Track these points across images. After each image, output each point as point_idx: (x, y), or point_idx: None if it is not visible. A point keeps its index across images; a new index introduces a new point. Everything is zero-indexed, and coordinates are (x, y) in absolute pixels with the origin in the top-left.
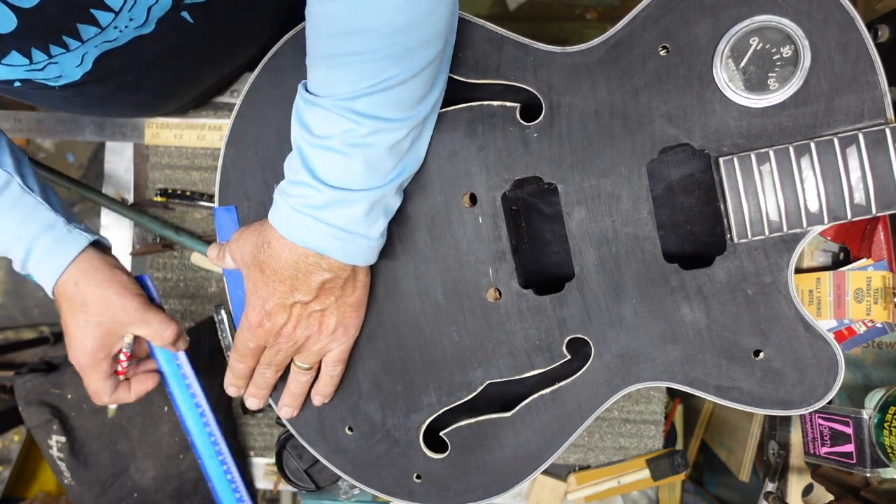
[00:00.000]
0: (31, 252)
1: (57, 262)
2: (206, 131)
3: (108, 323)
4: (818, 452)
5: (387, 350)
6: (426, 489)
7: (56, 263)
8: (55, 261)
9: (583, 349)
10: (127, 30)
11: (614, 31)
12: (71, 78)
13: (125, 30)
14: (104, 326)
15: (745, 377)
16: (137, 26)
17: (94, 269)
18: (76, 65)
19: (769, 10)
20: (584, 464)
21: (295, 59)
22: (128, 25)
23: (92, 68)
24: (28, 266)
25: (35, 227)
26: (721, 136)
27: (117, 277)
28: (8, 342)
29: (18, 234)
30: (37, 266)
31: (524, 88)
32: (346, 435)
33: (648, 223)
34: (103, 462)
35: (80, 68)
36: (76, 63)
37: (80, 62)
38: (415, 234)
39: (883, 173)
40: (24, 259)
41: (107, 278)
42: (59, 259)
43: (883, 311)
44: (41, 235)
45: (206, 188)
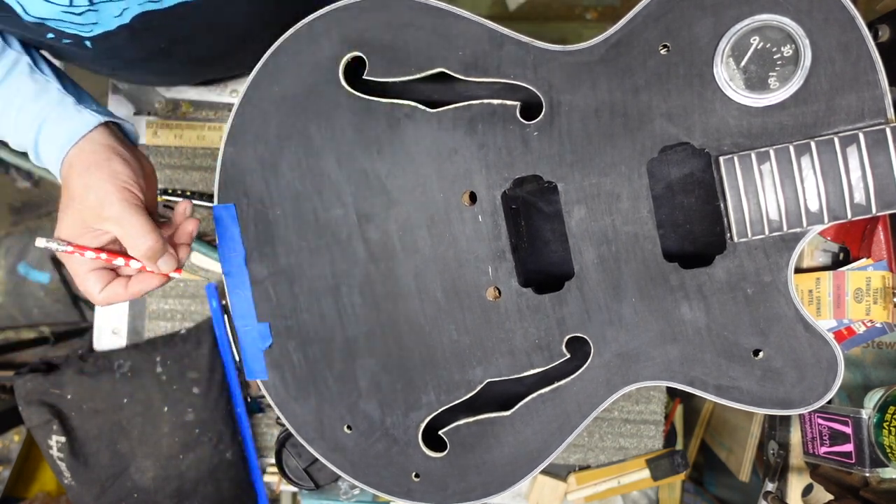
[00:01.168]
0: (39, 132)
1: (61, 143)
2: (206, 131)
3: (83, 210)
4: (817, 452)
5: (386, 349)
6: (425, 488)
7: (60, 143)
8: (59, 140)
9: (582, 348)
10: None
11: (615, 29)
12: (105, 27)
13: None
14: (79, 214)
15: (745, 376)
16: None
17: (92, 151)
18: (115, 15)
19: (770, 9)
20: (584, 464)
21: (294, 58)
22: None
23: (129, 23)
24: (39, 150)
25: (43, 106)
26: (721, 135)
27: (111, 163)
28: (8, 342)
29: (28, 113)
30: (44, 150)
31: (524, 87)
32: (345, 433)
33: (648, 222)
34: (103, 462)
35: (118, 19)
36: (115, 13)
37: (119, 13)
38: (414, 233)
39: (883, 173)
40: (34, 142)
41: (98, 161)
42: (62, 140)
43: (882, 311)
44: (50, 113)
45: (206, 188)
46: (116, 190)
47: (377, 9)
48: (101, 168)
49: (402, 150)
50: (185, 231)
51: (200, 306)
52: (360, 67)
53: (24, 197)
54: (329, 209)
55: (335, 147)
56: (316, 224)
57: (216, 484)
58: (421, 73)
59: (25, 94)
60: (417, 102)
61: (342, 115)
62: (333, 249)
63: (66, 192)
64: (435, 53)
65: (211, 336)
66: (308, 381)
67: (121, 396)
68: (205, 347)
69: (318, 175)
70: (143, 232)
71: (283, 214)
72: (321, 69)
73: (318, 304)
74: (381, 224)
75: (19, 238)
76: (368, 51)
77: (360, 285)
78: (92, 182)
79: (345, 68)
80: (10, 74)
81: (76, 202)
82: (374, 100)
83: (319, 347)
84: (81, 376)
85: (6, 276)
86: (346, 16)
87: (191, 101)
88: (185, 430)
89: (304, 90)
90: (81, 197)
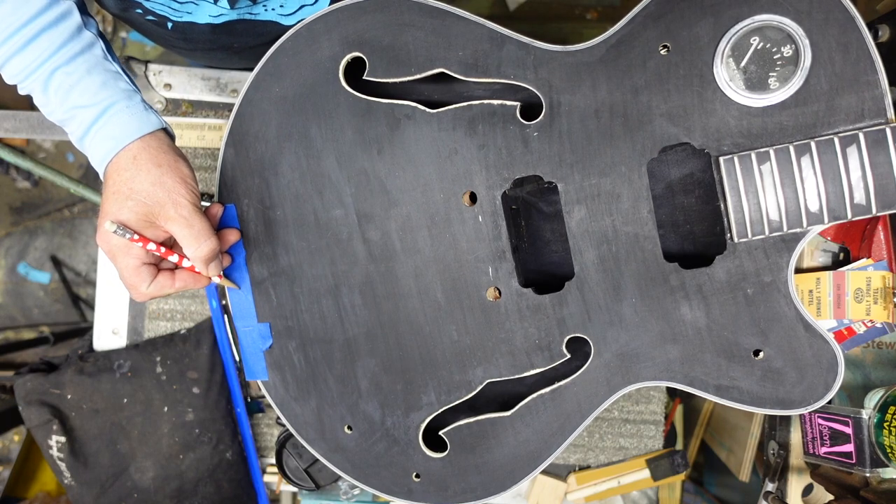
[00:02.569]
0: (103, 116)
1: (128, 131)
2: (206, 131)
3: (151, 205)
4: (818, 452)
5: (386, 349)
6: (425, 488)
7: (126, 131)
8: (126, 129)
9: (582, 348)
10: (272, 12)
11: (615, 29)
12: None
13: (269, 11)
14: (146, 207)
15: (745, 376)
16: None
17: (160, 150)
18: (211, 14)
19: (770, 9)
20: (584, 464)
21: (295, 58)
22: (275, 8)
23: (220, 25)
24: (92, 132)
25: (114, 94)
26: (721, 135)
27: (179, 165)
28: (8, 342)
29: (95, 96)
30: (102, 133)
31: (524, 87)
32: (346, 434)
33: (648, 222)
34: (103, 462)
35: (212, 19)
36: (212, 13)
37: (216, 14)
38: (414, 233)
39: (883, 173)
40: (90, 123)
41: (169, 162)
42: (130, 129)
43: (882, 311)
44: (119, 102)
45: (206, 188)
46: (188, 192)
47: (377, 9)
48: (172, 168)
49: (402, 151)
50: (228, 240)
51: (200, 306)
52: (361, 68)
53: (24, 197)
54: (329, 209)
55: (335, 147)
56: (316, 224)
57: (216, 484)
58: (421, 73)
59: (95, 78)
60: (417, 103)
61: (342, 116)
62: (334, 250)
63: (123, 182)
64: (435, 54)
65: (211, 336)
66: (308, 381)
67: (121, 396)
68: (205, 347)
69: (318, 175)
70: (207, 235)
71: (284, 215)
72: (321, 69)
73: (318, 305)
74: (382, 224)
75: (19, 238)
76: (368, 51)
77: (360, 286)
78: (165, 180)
79: (345, 69)
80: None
81: (141, 196)
82: (374, 100)
83: (320, 348)
84: (81, 376)
85: (6, 276)
86: (346, 16)
87: (191, 101)
88: (185, 430)
89: (305, 90)
90: (149, 193)
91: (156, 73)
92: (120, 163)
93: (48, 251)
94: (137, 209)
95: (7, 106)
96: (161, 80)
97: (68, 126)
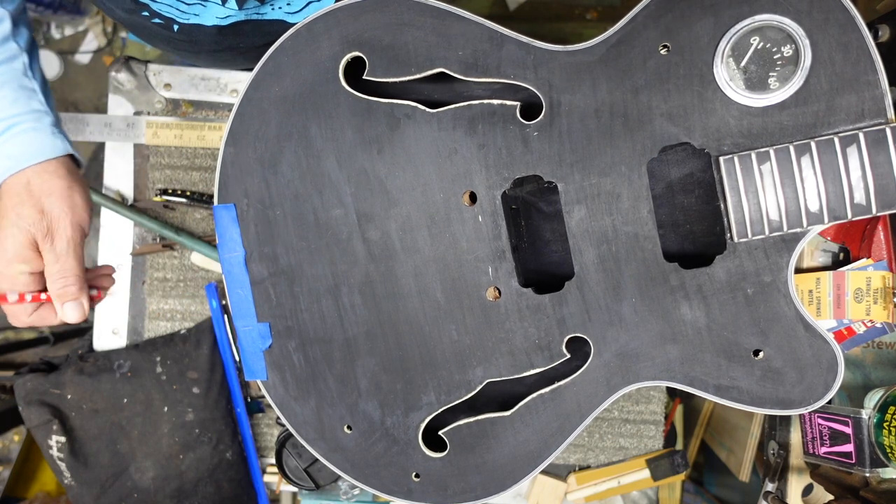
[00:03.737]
0: (5, 133)
1: (27, 153)
2: (206, 131)
3: (35, 233)
4: (818, 452)
5: (386, 349)
6: (425, 488)
7: (26, 153)
8: (26, 150)
9: (582, 348)
10: (279, 10)
11: (615, 29)
12: (203, 21)
13: (276, 10)
14: (29, 235)
15: (745, 376)
16: (288, 12)
17: (56, 175)
18: (218, 17)
19: (770, 9)
20: (584, 464)
21: (294, 58)
22: (282, 7)
23: (227, 27)
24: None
25: (23, 112)
26: (721, 135)
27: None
28: (8, 342)
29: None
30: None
31: (524, 87)
32: (345, 434)
33: (648, 222)
34: (103, 462)
35: (219, 21)
36: (220, 15)
37: (223, 17)
38: (414, 233)
39: (883, 173)
40: None
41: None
42: (30, 152)
43: (882, 311)
44: (25, 122)
45: (206, 188)
46: (70, 225)
47: (377, 9)
48: (62, 198)
49: (402, 151)
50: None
51: (200, 306)
52: (360, 67)
53: None
54: (329, 209)
55: (335, 147)
56: (316, 224)
57: (216, 484)
58: (421, 73)
59: (6, 90)
60: (417, 102)
61: (342, 115)
62: (333, 249)
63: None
64: (435, 53)
65: (211, 336)
66: (308, 381)
67: (121, 396)
68: (205, 347)
69: (318, 175)
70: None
71: (283, 214)
72: (321, 69)
73: (318, 305)
74: (381, 224)
75: None
76: (368, 51)
77: (360, 285)
78: (52, 209)
79: (345, 68)
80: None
81: (26, 222)
82: (374, 100)
83: (319, 347)
84: (81, 376)
85: None
86: (346, 16)
87: (191, 101)
88: (185, 430)
89: (304, 90)
90: (34, 220)
91: (156, 73)
92: (13, 186)
93: None
94: (20, 237)
95: None
96: (161, 80)
97: None
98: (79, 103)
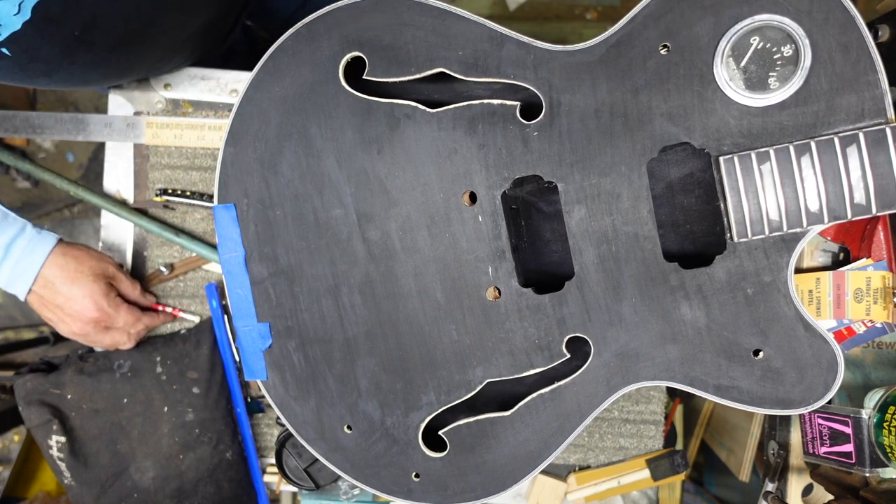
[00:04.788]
0: (7, 257)
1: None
2: (206, 131)
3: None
4: (817, 452)
5: (386, 349)
6: (425, 488)
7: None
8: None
9: (582, 348)
10: None
11: (615, 29)
12: (11, 28)
13: None
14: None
15: (745, 376)
16: None
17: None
18: (14, 13)
19: (770, 9)
20: (584, 464)
21: (294, 58)
22: None
23: (31, 17)
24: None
25: (10, 232)
26: (721, 135)
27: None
28: (8, 342)
29: None
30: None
31: (524, 87)
32: (345, 434)
33: (648, 222)
34: (103, 462)
35: (19, 17)
36: (13, 11)
37: (17, 11)
38: (414, 233)
39: (883, 173)
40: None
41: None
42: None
43: (882, 311)
44: (17, 238)
45: (206, 188)
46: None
47: (377, 9)
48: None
49: (402, 151)
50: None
51: (200, 306)
52: (360, 67)
53: (24, 197)
54: (329, 209)
55: (335, 147)
56: (316, 224)
57: (216, 484)
58: (421, 73)
59: None
60: (417, 102)
61: (342, 115)
62: (333, 249)
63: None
64: (435, 53)
65: (211, 336)
66: (308, 381)
67: (121, 396)
68: (205, 347)
69: (318, 175)
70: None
71: (283, 214)
72: (321, 69)
73: (318, 305)
74: (381, 224)
75: None
76: (368, 51)
77: (360, 285)
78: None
79: (345, 68)
80: None
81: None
82: (374, 100)
83: (319, 347)
84: (81, 376)
85: None
86: (346, 16)
87: (191, 101)
88: (185, 430)
89: (304, 90)
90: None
91: None
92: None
93: None
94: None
95: (7, 106)
96: (161, 80)
97: None
98: (79, 103)
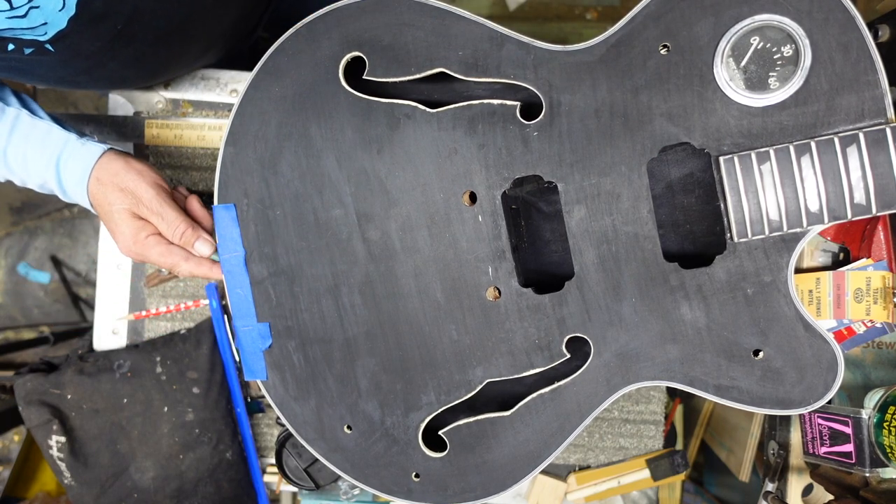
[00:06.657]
0: (60, 172)
1: (81, 168)
2: (206, 131)
3: (129, 206)
4: (817, 452)
5: (386, 349)
6: (425, 488)
7: (81, 169)
8: (79, 167)
9: (582, 348)
10: None
11: (615, 29)
12: (58, 26)
13: None
14: (128, 211)
15: (745, 376)
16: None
17: (111, 161)
18: (59, 9)
19: (770, 9)
20: (584, 464)
21: (294, 58)
22: None
23: (76, 12)
24: (65, 187)
25: (54, 148)
26: (721, 135)
27: (131, 165)
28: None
29: (44, 159)
30: (69, 183)
31: (524, 87)
32: (345, 434)
33: (648, 222)
34: (103, 462)
35: (64, 12)
36: (58, 7)
37: (62, 6)
38: (414, 233)
39: (883, 173)
40: (57, 181)
41: (122, 168)
42: (82, 166)
43: (882, 311)
44: (62, 153)
45: (206, 188)
46: (147, 184)
47: (377, 9)
48: (127, 171)
49: (401, 150)
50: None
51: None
52: (360, 67)
53: (24, 197)
54: (329, 209)
55: (335, 147)
56: (316, 224)
57: (216, 484)
58: (421, 73)
59: (34, 143)
60: (417, 102)
61: (342, 115)
62: (333, 249)
63: (105, 204)
64: (435, 53)
65: (211, 336)
66: (308, 381)
67: (121, 396)
68: (205, 347)
69: (318, 175)
70: (179, 222)
71: (283, 214)
72: (321, 69)
73: (318, 305)
74: (381, 224)
75: (19, 238)
76: (368, 51)
77: (360, 285)
78: (126, 184)
79: (345, 68)
80: (15, 129)
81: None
82: (374, 100)
83: (319, 347)
84: (81, 376)
85: (6, 276)
86: (346, 16)
87: (191, 101)
88: (185, 430)
89: (304, 90)
90: (121, 199)
91: None
92: (95, 195)
93: (48, 251)
94: (123, 215)
95: None
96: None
97: (48, 188)
98: (79, 103)
